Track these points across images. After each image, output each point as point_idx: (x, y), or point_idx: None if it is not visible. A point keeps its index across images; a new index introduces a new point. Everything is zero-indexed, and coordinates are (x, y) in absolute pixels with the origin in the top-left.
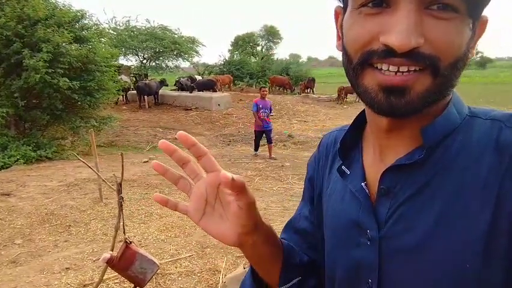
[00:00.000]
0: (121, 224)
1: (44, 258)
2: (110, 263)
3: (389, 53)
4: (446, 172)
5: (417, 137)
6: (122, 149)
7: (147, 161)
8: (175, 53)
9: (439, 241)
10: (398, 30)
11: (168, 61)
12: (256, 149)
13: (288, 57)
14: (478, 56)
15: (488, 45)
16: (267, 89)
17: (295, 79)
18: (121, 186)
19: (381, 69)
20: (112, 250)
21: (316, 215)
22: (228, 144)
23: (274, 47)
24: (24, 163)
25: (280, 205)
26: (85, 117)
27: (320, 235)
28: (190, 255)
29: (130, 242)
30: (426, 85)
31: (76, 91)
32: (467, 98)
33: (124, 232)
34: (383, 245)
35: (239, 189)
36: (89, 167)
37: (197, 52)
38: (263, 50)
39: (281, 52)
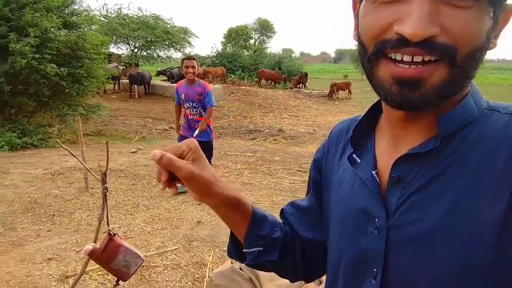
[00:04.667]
0: (105, 215)
1: (26, 248)
2: (93, 255)
3: (402, 42)
4: (460, 163)
5: (434, 127)
6: (110, 138)
7: (135, 152)
8: (167, 43)
9: (448, 232)
10: (411, 19)
11: (160, 51)
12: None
13: (281, 52)
14: None
15: None
16: (194, 62)
17: (287, 74)
18: (105, 176)
19: (395, 59)
20: (95, 242)
21: (324, 200)
22: (218, 137)
23: (268, 41)
24: (9, 150)
25: (269, 199)
26: (73, 104)
27: (324, 219)
28: (176, 248)
29: (114, 234)
30: (441, 77)
31: (63, 78)
32: None
33: (108, 223)
34: (391, 234)
35: (164, 166)
36: (74, 155)
37: (189, 43)
38: (256, 43)
39: (274, 46)
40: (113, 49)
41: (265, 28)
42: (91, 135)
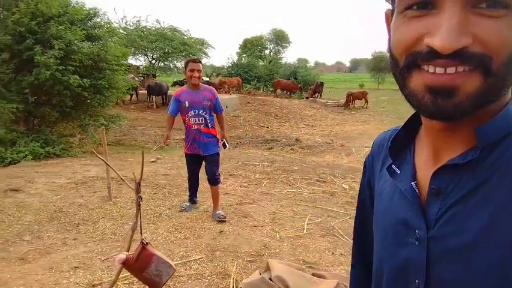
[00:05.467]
0: (138, 224)
1: (53, 256)
2: (126, 264)
3: (434, 54)
4: (501, 174)
5: (473, 138)
6: (130, 148)
7: (155, 161)
8: (183, 54)
9: (488, 244)
10: (441, 32)
11: (177, 62)
12: (191, 196)
13: (296, 62)
14: None
15: None
16: (200, 66)
17: (303, 83)
18: (139, 186)
19: (427, 71)
20: (128, 251)
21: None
22: (236, 147)
23: (283, 51)
24: (32, 159)
25: (289, 209)
26: (94, 115)
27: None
28: (200, 258)
29: (147, 243)
30: (476, 85)
31: (86, 89)
32: None
33: (141, 233)
34: (432, 245)
35: None
36: (110, 166)
37: (206, 54)
38: (271, 53)
39: (289, 56)
40: (131, 60)
41: (280, 38)
42: (110, 145)
